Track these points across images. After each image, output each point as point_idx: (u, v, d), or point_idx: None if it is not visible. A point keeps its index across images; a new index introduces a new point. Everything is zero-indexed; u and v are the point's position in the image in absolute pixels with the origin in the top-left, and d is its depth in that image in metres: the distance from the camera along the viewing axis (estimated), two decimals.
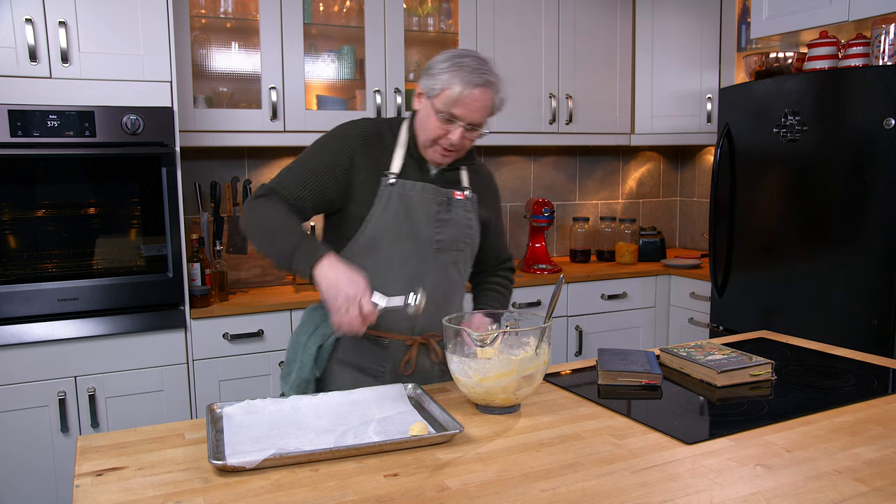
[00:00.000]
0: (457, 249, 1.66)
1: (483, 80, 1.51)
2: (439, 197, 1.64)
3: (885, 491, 1.07)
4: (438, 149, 1.59)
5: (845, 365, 1.75)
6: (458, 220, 1.66)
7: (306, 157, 1.63)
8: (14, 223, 2.30)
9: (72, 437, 2.39)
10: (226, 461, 1.14)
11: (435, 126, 1.55)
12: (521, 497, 1.06)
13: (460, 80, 1.50)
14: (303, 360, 1.65)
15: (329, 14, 3.07)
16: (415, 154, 1.64)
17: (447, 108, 1.52)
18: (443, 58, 1.54)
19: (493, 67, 1.55)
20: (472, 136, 1.58)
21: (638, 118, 3.61)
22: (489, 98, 1.54)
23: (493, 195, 1.80)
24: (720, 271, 3.04)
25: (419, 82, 1.59)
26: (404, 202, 1.60)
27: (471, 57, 1.53)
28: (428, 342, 1.67)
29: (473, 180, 1.73)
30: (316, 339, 1.66)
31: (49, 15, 2.27)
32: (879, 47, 2.56)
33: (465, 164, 1.72)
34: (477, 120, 1.55)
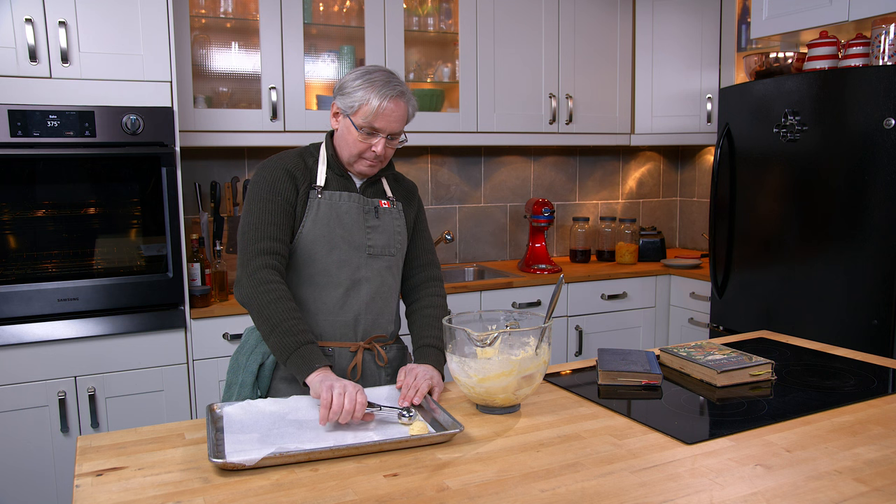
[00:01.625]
0: (389, 255, 1.70)
1: (397, 92, 1.58)
2: (366, 206, 1.69)
3: (885, 491, 1.07)
4: (365, 162, 1.65)
5: (845, 365, 1.75)
6: (386, 226, 1.71)
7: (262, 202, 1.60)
8: (14, 223, 2.30)
9: (72, 437, 2.39)
10: (226, 459, 1.14)
11: (357, 141, 1.61)
12: (521, 497, 1.06)
13: (376, 94, 1.56)
14: (243, 380, 1.64)
15: (329, 14, 3.07)
16: (337, 170, 1.69)
17: (367, 122, 1.58)
18: (353, 76, 1.60)
19: (400, 78, 1.63)
20: (394, 145, 1.65)
21: (638, 118, 3.61)
22: (404, 108, 1.61)
23: (416, 203, 1.83)
24: (720, 271, 3.04)
25: (334, 102, 1.65)
26: (334, 210, 1.65)
27: (379, 72, 1.60)
28: (372, 347, 1.68)
29: (395, 189, 1.79)
30: (256, 357, 1.65)
31: (49, 15, 2.27)
32: (879, 47, 2.56)
33: (385, 173, 1.76)
34: (396, 129, 1.62)
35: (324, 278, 1.63)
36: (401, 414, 1.36)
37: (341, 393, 1.32)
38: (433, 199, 3.54)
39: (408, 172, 3.44)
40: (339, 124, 1.66)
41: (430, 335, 1.71)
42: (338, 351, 1.66)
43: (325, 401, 1.32)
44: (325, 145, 1.71)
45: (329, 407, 1.31)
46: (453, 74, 3.27)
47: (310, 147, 1.74)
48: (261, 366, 1.65)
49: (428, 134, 3.12)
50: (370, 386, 1.65)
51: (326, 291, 1.63)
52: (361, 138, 1.60)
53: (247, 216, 1.61)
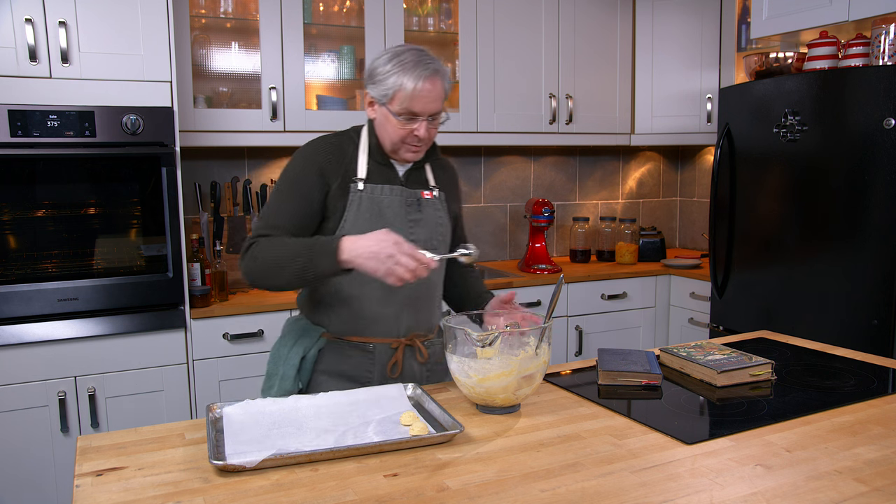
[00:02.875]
0: (431, 248, 1.66)
1: (430, 71, 1.53)
2: (409, 198, 1.65)
3: (885, 491, 1.07)
4: (409, 147, 1.60)
5: (845, 365, 1.75)
6: (429, 219, 1.67)
7: (282, 190, 1.61)
8: (14, 223, 2.30)
9: (72, 437, 2.39)
10: (226, 461, 1.14)
11: (397, 128, 1.57)
12: (521, 497, 1.06)
13: (409, 77, 1.51)
14: (285, 372, 1.64)
15: (329, 14, 3.07)
16: (379, 158, 1.65)
17: (405, 107, 1.53)
18: (382, 61, 1.55)
19: (430, 54, 1.56)
20: (436, 125, 1.60)
21: (638, 118, 3.61)
22: (440, 85, 1.56)
23: (458, 190, 1.81)
24: (720, 271, 3.04)
25: (366, 91, 1.60)
26: (375, 205, 1.61)
27: (409, 51, 1.54)
28: (413, 343, 1.67)
29: (439, 176, 1.75)
30: (298, 350, 1.65)
31: (49, 15, 2.27)
32: (879, 47, 2.56)
33: (429, 159, 1.73)
34: (436, 110, 1.57)
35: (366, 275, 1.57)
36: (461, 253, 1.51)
37: (395, 262, 1.37)
38: None
39: None
40: (375, 113, 1.61)
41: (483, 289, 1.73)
42: (378, 346, 1.65)
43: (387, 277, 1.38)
44: (367, 132, 1.66)
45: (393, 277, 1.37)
46: (453, 74, 3.27)
47: (351, 132, 1.69)
48: (303, 358, 1.64)
49: None
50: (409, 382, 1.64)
51: (369, 288, 1.61)
52: (401, 125, 1.55)
53: (265, 207, 1.61)
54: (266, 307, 2.66)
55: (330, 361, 1.66)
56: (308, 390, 1.67)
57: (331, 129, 2.92)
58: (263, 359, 2.66)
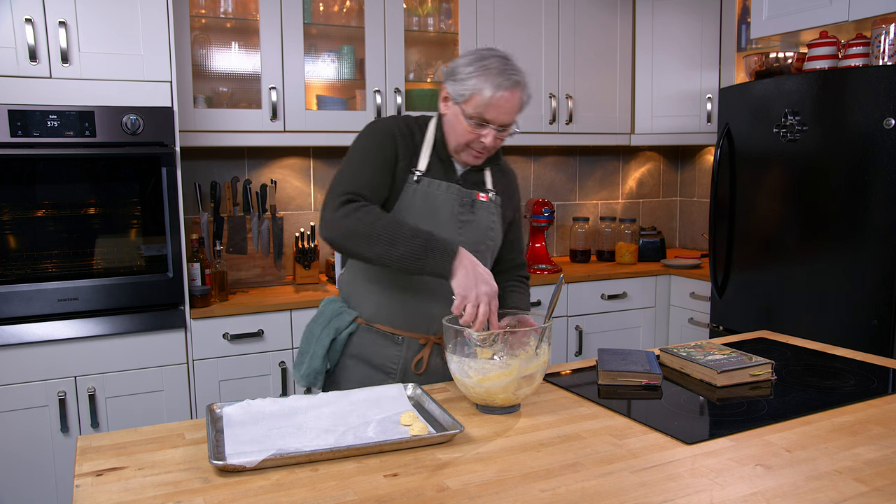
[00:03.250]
0: (477, 251, 1.64)
1: (512, 82, 1.50)
2: (463, 198, 1.63)
3: (885, 491, 1.07)
4: (471, 151, 1.59)
5: (845, 365, 1.75)
6: (480, 221, 1.65)
7: (363, 152, 1.57)
8: (14, 223, 2.30)
9: (72, 437, 2.39)
10: (226, 461, 1.14)
11: (466, 130, 1.55)
12: (521, 497, 1.06)
13: (489, 85, 1.49)
14: (315, 351, 1.65)
15: (329, 14, 3.07)
16: (441, 154, 1.63)
17: (478, 113, 1.51)
18: (466, 61, 1.53)
19: (517, 64, 1.54)
20: (503, 136, 1.58)
21: (638, 118, 3.61)
22: (518, 98, 1.53)
23: (516, 196, 1.78)
24: (720, 271, 3.04)
25: (444, 86, 1.58)
26: (429, 200, 1.60)
27: (495, 57, 1.52)
28: (441, 342, 1.67)
29: (498, 180, 1.73)
30: (329, 332, 1.66)
31: (49, 15, 2.27)
32: (879, 47, 2.56)
33: (490, 163, 1.71)
34: (508, 121, 1.54)
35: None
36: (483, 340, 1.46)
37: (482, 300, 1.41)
38: None
39: None
40: (447, 110, 1.59)
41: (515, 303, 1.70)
42: (407, 341, 1.65)
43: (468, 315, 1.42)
44: (434, 126, 1.64)
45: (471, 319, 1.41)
46: None
47: (420, 120, 1.67)
48: (333, 340, 1.65)
49: None
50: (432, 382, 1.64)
51: (406, 280, 1.60)
52: (470, 128, 1.54)
53: (343, 167, 1.57)
54: (266, 307, 2.66)
55: (359, 347, 1.67)
56: (334, 373, 1.68)
57: (331, 129, 2.93)
58: (264, 359, 2.67)
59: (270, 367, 2.68)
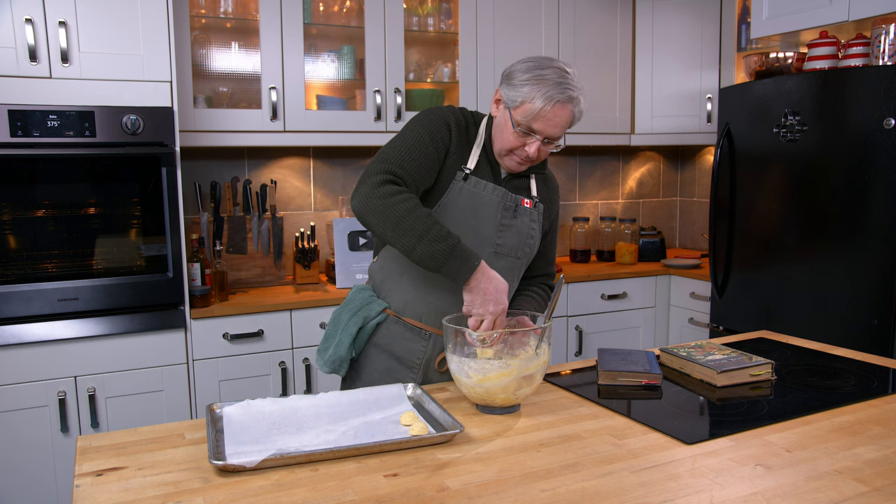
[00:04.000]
0: (515, 256, 1.64)
1: (566, 97, 1.48)
2: (507, 202, 1.62)
3: (886, 491, 1.07)
4: (515, 158, 1.58)
5: (845, 365, 1.75)
6: (521, 227, 1.64)
7: (415, 135, 1.55)
8: (14, 223, 2.30)
9: (72, 437, 2.39)
10: (226, 461, 1.14)
11: (512, 137, 1.54)
12: (521, 497, 1.06)
13: (542, 95, 1.47)
14: (341, 338, 1.65)
15: (329, 14, 3.07)
16: (490, 155, 1.63)
17: (526, 121, 1.51)
18: (524, 67, 1.51)
19: (576, 79, 1.51)
20: (549, 149, 1.57)
21: (638, 118, 3.61)
22: (570, 113, 1.52)
23: (555, 207, 1.78)
24: (720, 271, 3.04)
25: (499, 88, 1.57)
26: (473, 200, 1.59)
27: (553, 69, 1.49)
28: None
29: (541, 189, 1.72)
30: (357, 320, 1.65)
31: (49, 15, 2.27)
32: (879, 47, 2.56)
33: (535, 171, 1.70)
34: (556, 134, 1.53)
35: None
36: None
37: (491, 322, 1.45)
38: None
39: None
40: (498, 113, 1.59)
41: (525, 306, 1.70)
42: (434, 337, 1.65)
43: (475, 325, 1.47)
44: (485, 126, 1.64)
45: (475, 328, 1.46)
46: (453, 74, 3.27)
47: (476, 115, 1.66)
48: (360, 329, 1.65)
49: None
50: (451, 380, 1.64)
51: (439, 279, 1.59)
52: (516, 135, 1.53)
53: (394, 143, 1.54)
54: (266, 307, 2.66)
55: (385, 338, 1.67)
56: (359, 360, 1.68)
57: (331, 129, 2.93)
58: (264, 359, 2.67)
59: (270, 367, 2.68)
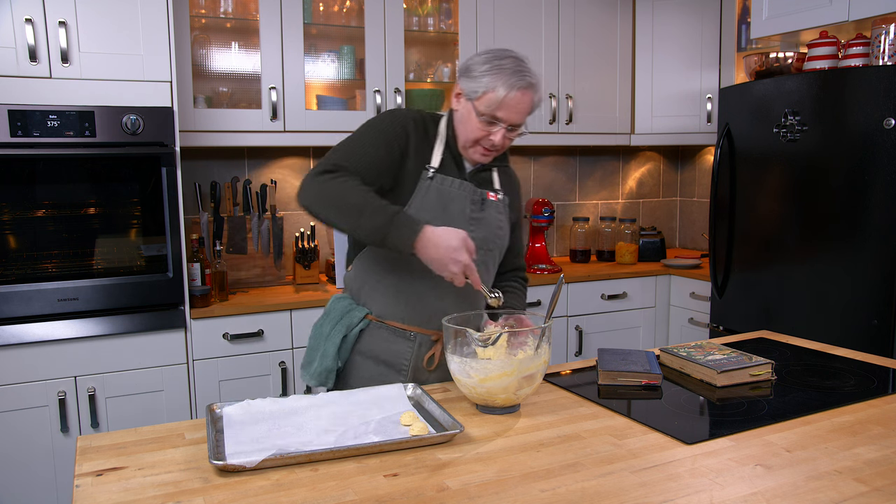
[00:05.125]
0: (487, 249, 1.66)
1: (526, 83, 1.53)
2: (475, 196, 1.64)
3: (885, 491, 1.07)
4: (480, 149, 1.60)
5: (845, 365, 1.75)
6: (490, 220, 1.67)
7: (366, 133, 1.58)
8: (14, 223, 2.30)
9: (72, 437, 2.39)
10: (226, 461, 1.14)
11: (476, 127, 1.56)
12: (521, 497, 1.06)
13: (503, 84, 1.51)
14: (325, 350, 1.65)
15: (329, 14, 3.07)
16: (453, 151, 1.64)
17: (490, 110, 1.53)
18: (482, 59, 1.54)
19: (531, 66, 1.57)
20: (512, 136, 1.60)
21: (638, 118, 3.61)
22: (531, 99, 1.56)
23: (518, 199, 1.80)
24: (720, 271, 3.04)
25: (457, 82, 1.59)
26: (442, 197, 1.61)
27: (510, 58, 1.54)
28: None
29: (504, 182, 1.75)
30: (340, 329, 1.65)
31: (49, 15, 2.27)
32: (879, 47, 2.56)
33: (496, 164, 1.73)
34: (519, 121, 1.57)
35: (419, 264, 1.54)
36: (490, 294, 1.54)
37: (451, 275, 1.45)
38: None
39: None
40: (459, 106, 1.60)
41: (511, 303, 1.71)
42: (419, 337, 1.66)
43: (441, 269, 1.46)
44: (445, 123, 1.66)
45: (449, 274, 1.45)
46: (453, 74, 3.26)
47: (433, 116, 1.68)
48: (344, 337, 1.65)
49: None
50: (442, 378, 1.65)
51: (419, 278, 1.61)
52: (481, 126, 1.55)
53: (342, 142, 1.57)
54: (266, 307, 2.66)
55: (370, 344, 1.67)
56: (345, 370, 1.68)
57: (331, 129, 2.93)
58: (264, 359, 2.66)
59: (270, 367, 2.68)
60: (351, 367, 1.68)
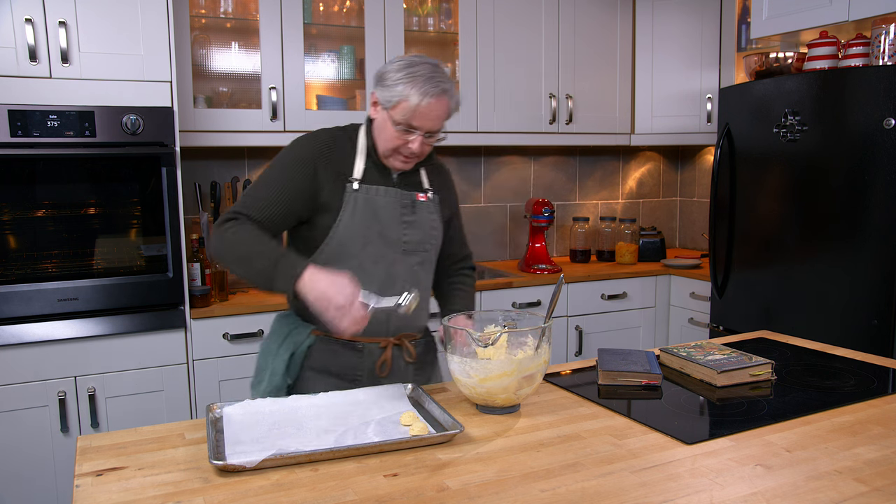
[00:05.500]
0: (423, 250, 1.68)
1: (440, 90, 1.52)
2: (403, 199, 1.65)
3: (886, 491, 1.08)
4: (399, 157, 1.60)
5: (845, 365, 1.75)
6: (422, 221, 1.68)
7: (270, 175, 1.60)
8: (14, 223, 2.30)
9: (72, 437, 2.39)
10: (226, 461, 1.14)
11: (394, 136, 1.56)
12: (521, 497, 1.06)
13: (417, 92, 1.50)
14: (274, 367, 1.64)
15: (329, 14, 3.07)
16: (375, 159, 1.64)
17: (405, 119, 1.53)
18: (396, 67, 1.53)
19: (445, 71, 1.56)
20: (431, 142, 1.60)
21: (638, 118, 3.61)
22: (445, 105, 1.55)
23: (452, 193, 1.81)
24: (720, 271, 3.04)
25: (374, 91, 1.59)
26: (371, 206, 1.61)
27: (423, 64, 1.53)
28: (401, 343, 1.68)
29: (433, 180, 1.75)
30: (288, 346, 1.65)
31: (49, 15, 2.27)
32: (879, 47, 2.56)
33: (424, 163, 1.72)
34: (435, 128, 1.56)
35: (358, 274, 1.56)
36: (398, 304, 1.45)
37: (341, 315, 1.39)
38: None
39: None
40: (377, 115, 1.60)
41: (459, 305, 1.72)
42: (368, 346, 1.65)
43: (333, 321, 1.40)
44: (364, 132, 1.66)
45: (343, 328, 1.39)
46: (453, 74, 3.27)
47: (349, 129, 1.68)
48: (292, 354, 1.64)
49: None
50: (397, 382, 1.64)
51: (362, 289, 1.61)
52: (398, 134, 1.55)
53: (253, 186, 1.59)
54: (266, 307, 2.66)
55: (319, 359, 1.66)
56: (296, 387, 1.67)
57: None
58: None
59: None
60: (303, 384, 1.66)
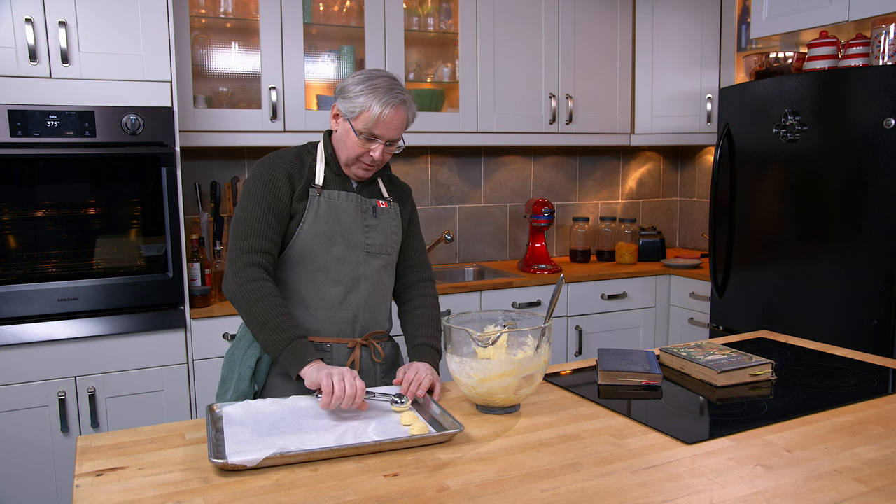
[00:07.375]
0: (386, 253, 1.73)
1: (398, 100, 1.60)
2: (364, 205, 1.71)
3: (885, 491, 1.08)
4: (361, 164, 1.67)
5: (845, 365, 1.75)
6: (384, 225, 1.73)
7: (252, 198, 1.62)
8: (14, 223, 2.30)
9: (72, 437, 2.39)
10: (226, 460, 1.14)
11: (356, 144, 1.63)
12: (521, 497, 1.06)
13: (378, 102, 1.58)
14: (241, 374, 1.65)
15: (329, 14, 3.07)
16: (335, 169, 1.70)
17: (367, 128, 1.60)
18: (356, 80, 1.62)
19: (403, 84, 1.66)
20: (391, 151, 1.67)
21: (638, 118, 3.61)
22: (404, 115, 1.63)
23: (409, 205, 1.85)
24: (720, 271, 3.04)
25: (335, 103, 1.66)
26: (332, 208, 1.66)
27: (382, 77, 1.62)
28: (369, 343, 1.70)
29: (391, 190, 1.81)
30: (254, 351, 1.66)
31: (49, 15, 2.27)
32: (879, 47, 2.56)
33: (381, 175, 1.79)
34: (395, 136, 1.64)
35: (324, 275, 1.64)
36: (393, 400, 1.41)
37: (341, 379, 1.38)
38: (433, 199, 3.54)
39: (408, 172, 3.44)
40: (338, 126, 1.67)
41: (424, 334, 1.73)
42: (336, 347, 1.67)
43: (326, 388, 1.38)
44: (323, 144, 1.73)
45: (331, 393, 1.37)
46: (453, 74, 3.27)
47: (307, 146, 1.75)
48: (258, 360, 1.65)
49: (428, 134, 3.12)
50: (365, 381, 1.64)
51: (326, 288, 1.65)
52: (360, 143, 1.63)
53: (240, 212, 1.62)
54: None
55: None
56: (263, 393, 1.67)
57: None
58: None
59: None
60: (272, 390, 1.66)
